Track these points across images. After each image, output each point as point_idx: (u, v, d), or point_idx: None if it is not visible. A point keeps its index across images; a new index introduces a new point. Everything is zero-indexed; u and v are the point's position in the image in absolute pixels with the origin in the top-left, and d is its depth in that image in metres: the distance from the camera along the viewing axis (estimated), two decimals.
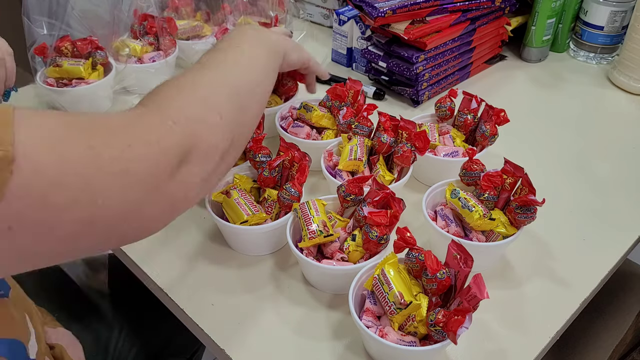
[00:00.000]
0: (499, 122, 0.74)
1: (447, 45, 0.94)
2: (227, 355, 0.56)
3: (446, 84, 0.98)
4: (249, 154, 0.68)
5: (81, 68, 0.88)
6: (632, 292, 0.97)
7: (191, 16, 1.05)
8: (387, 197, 0.59)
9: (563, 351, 0.91)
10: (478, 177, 0.64)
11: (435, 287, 0.52)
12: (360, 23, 1.00)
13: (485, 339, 0.57)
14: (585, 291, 0.62)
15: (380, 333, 0.51)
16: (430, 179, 0.74)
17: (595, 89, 1.02)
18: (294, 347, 0.56)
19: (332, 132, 0.78)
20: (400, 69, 0.92)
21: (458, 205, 0.62)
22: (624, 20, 1.03)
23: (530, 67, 1.08)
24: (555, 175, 0.80)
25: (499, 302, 0.61)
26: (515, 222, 0.61)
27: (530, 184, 0.61)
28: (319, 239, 0.59)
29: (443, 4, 0.92)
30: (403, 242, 0.54)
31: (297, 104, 0.80)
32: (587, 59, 1.09)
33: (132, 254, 0.66)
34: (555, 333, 0.58)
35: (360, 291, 0.56)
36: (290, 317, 0.59)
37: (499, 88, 1.02)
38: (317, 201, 0.62)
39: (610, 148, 0.87)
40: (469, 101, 0.77)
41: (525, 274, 0.64)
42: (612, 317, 0.94)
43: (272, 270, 0.65)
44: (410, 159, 0.68)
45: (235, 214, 0.62)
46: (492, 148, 0.75)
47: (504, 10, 1.00)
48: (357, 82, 0.78)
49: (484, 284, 0.48)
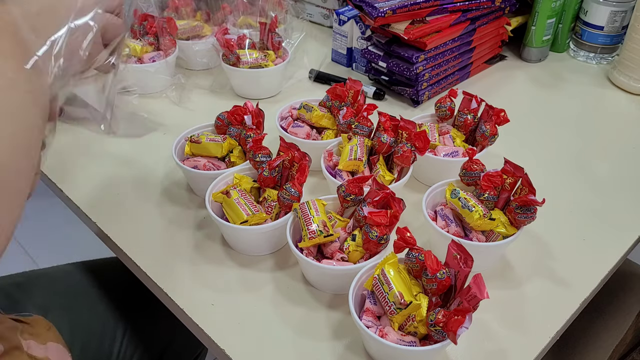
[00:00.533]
0: (499, 122, 0.74)
1: (447, 45, 0.94)
2: (227, 355, 0.56)
3: (446, 84, 0.98)
4: (249, 154, 0.68)
5: None
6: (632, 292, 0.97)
7: (191, 16, 1.05)
8: (387, 197, 0.59)
9: (563, 351, 0.91)
10: (478, 177, 0.64)
11: (435, 287, 0.52)
12: (360, 23, 1.00)
13: (485, 339, 0.57)
14: (585, 291, 0.62)
15: (380, 333, 0.51)
16: (430, 179, 0.74)
17: (595, 89, 1.02)
18: (294, 347, 0.56)
19: (332, 132, 0.78)
20: (400, 69, 0.92)
21: (458, 205, 0.62)
22: (624, 20, 1.03)
23: (530, 67, 1.08)
24: (555, 175, 0.80)
25: (499, 302, 0.61)
26: (515, 222, 0.61)
27: (530, 184, 0.61)
28: (319, 239, 0.59)
29: (443, 4, 0.92)
30: (403, 242, 0.54)
31: (297, 104, 0.80)
32: (587, 59, 1.09)
33: (132, 255, 0.66)
34: (555, 333, 0.58)
35: (360, 291, 0.56)
36: (290, 317, 0.59)
37: (499, 88, 1.02)
38: (317, 201, 0.62)
39: (610, 148, 0.87)
40: (469, 101, 0.77)
41: (525, 274, 0.64)
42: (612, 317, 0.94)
43: (272, 270, 0.65)
44: (410, 159, 0.68)
45: (235, 214, 0.62)
46: (492, 148, 0.75)
47: (504, 10, 1.00)
48: (357, 82, 0.78)
49: (484, 284, 0.48)
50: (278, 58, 0.96)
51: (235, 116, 0.73)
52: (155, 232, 0.70)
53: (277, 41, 0.96)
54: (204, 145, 0.72)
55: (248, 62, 0.92)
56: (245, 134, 0.71)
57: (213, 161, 0.73)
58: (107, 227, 0.70)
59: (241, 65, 0.92)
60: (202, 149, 0.73)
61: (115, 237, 0.69)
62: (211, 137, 0.73)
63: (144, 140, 0.86)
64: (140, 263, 0.65)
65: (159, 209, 0.73)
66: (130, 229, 0.70)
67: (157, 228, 0.70)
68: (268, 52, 0.95)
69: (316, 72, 1.02)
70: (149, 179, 0.78)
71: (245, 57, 0.92)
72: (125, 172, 0.80)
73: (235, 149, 0.73)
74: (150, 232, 0.70)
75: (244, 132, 0.71)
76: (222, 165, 0.73)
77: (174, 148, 0.73)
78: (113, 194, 0.76)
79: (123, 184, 0.77)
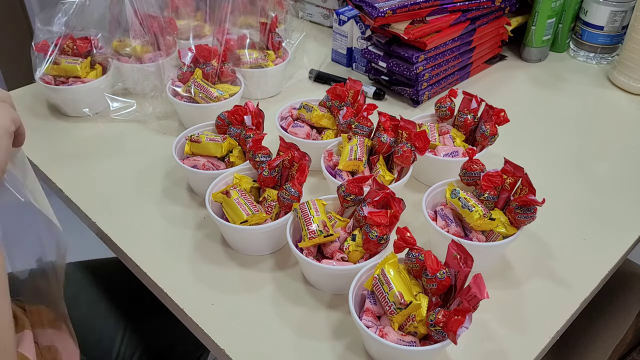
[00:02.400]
0: (499, 122, 0.74)
1: (447, 45, 0.94)
2: (227, 355, 0.56)
3: (446, 84, 0.98)
4: (248, 153, 0.68)
5: (78, 67, 0.88)
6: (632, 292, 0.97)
7: (191, 16, 1.05)
8: (387, 197, 0.59)
9: (563, 351, 0.91)
10: (478, 177, 0.64)
11: (435, 287, 0.52)
12: (360, 23, 1.00)
13: (485, 339, 0.57)
14: (585, 291, 0.62)
15: (380, 333, 0.51)
16: (430, 179, 0.74)
17: (595, 89, 1.02)
18: (294, 347, 0.56)
19: (332, 132, 0.78)
20: (400, 69, 0.92)
21: (458, 205, 0.62)
22: (624, 20, 1.03)
23: (530, 67, 1.08)
24: (555, 175, 0.80)
25: (499, 302, 0.61)
26: (515, 222, 0.61)
27: (530, 184, 0.61)
28: (319, 239, 0.59)
29: (443, 4, 0.92)
30: (403, 242, 0.54)
31: (297, 104, 0.80)
32: (587, 59, 1.09)
33: (132, 255, 0.66)
34: (555, 333, 0.58)
35: (360, 291, 0.56)
36: (290, 317, 0.59)
37: (499, 88, 1.02)
38: (317, 201, 0.62)
39: (610, 148, 0.87)
40: (469, 101, 0.77)
41: (525, 274, 0.64)
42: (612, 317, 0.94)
43: (272, 270, 0.65)
44: (410, 159, 0.68)
45: (235, 213, 0.62)
46: (492, 148, 0.75)
47: (504, 10, 1.00)
48: (357, 82, 0.78)
49: (484, 284, 0.48)
50: (278, 58, 0.96)
51: (236, 116, 0.73)
52: (155, 232, 0.70)
53: (277, 41, 0.96)
54: (204, 144, 0.72)
55: (248, 62, 0.92)
56: (245, 134, 0.71)
57: (212, 161, 0.73)
58: (107, 227, 0.70)
59: (241, 66, 0.92)
60: (201, 149, 0.73)
61: (115, 237, 0.69)
62: (211, 137, 0.73)
63: (145, 139, 0.86)
64: (140, 263, 0.65)
65: (159, 209, 0.73)
66: (131, 229, 0.70)
67: (157, 228, 0.70)
68: (268, 52, 0.95)
69: (316, 72, 1.02)
70: (149, 178, 0.78)
71: (245, 57, 0.92)
72: (126, 171, 0.80)
73: (235, 149, 0.73)
74: (150, 232, 0.70)
75: (243, 132, 0.71)
76: (222, 165, 0.73)
77: (174, 147, 0.73)
78: (113, 194, 0.76)
79: (123, 183, 0.77)
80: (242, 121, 0.73)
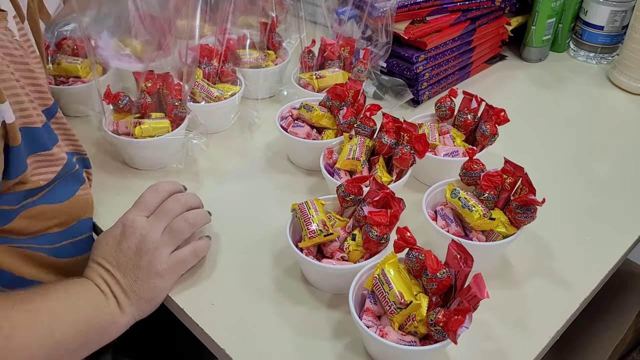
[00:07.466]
0: (499, 122, 0.74)
1: (447, 45, 0.94)
2: (227, 355, 0.56)
3: (446, 84, 0.98)
4: None
5: (78, 67, 0.88)
6: (632, 292, 0.97)
7: (191, 16, 1.05)
8: (387, 197, 0.59)
9: (563, 351, 0.91)
10: (478, 176, 0.64)
11: (435, 286, 0.52)
12: (360, 23, 1.00)
13: (485, 339, 0.57)
14: (585, 291, 0.62)
15: (381, 333, 0.51)
16: (430, 179, 0.74)
17: (595, 88, 1.02)
18: (294, 347, 0.56)
19: (332, 132, 0.78)
20: (400, 68, 0.92)
21: (458, 205, 0.62)
22: (624, 20, 1.03)
23: (530, 67, 1.08)
24: (555, 175, 0.80)
25: (499, 302, 0.61)
26: (515, 222, 0.61)
27: (530, 183, 0.60)
28: (319, 239, 0.59)
29: (443, 4, 0.92)
30: (403, 241, 0.54)
31: (297, 104, 0.80)
32: (587, 58, 1.09)
33: None
34: (555, 333, 0.58)
35: (360, 291, 0.56)
36: (290, 317, 0.59)
37: (499, 88, 1.02)
38: (316, 201, 0.62)
39: (610, 148, 0.87)
40: (469, 101, 0.77)
41: (525, 274, 0.64)
42: (612, 317, 0.94)
43: (272, 270, 0.65)
44: (409, 161, 0.68)
45: None
46: (492, 148, 0.75)
47: (504, 10, 1.00)
48: (357, 82, 0.78)
49: (484, 283, 0.48)
50: (278, 58, 0.96)
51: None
52: None
53: (277, 41, 0.96)
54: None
55: (248, 62, 0.92)
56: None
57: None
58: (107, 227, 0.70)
59: (242, 65, 0.92)
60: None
61: None
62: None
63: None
64: None
65: None
66: None
67: None
68: (268, 52, 0.95)
69: None
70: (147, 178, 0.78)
71: (245, 57, 0.92)
72: (125, 171, 0.79)
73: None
74: None
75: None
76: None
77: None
78: (113, 193, 0.76)
79: (122, 183, 0.77)
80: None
